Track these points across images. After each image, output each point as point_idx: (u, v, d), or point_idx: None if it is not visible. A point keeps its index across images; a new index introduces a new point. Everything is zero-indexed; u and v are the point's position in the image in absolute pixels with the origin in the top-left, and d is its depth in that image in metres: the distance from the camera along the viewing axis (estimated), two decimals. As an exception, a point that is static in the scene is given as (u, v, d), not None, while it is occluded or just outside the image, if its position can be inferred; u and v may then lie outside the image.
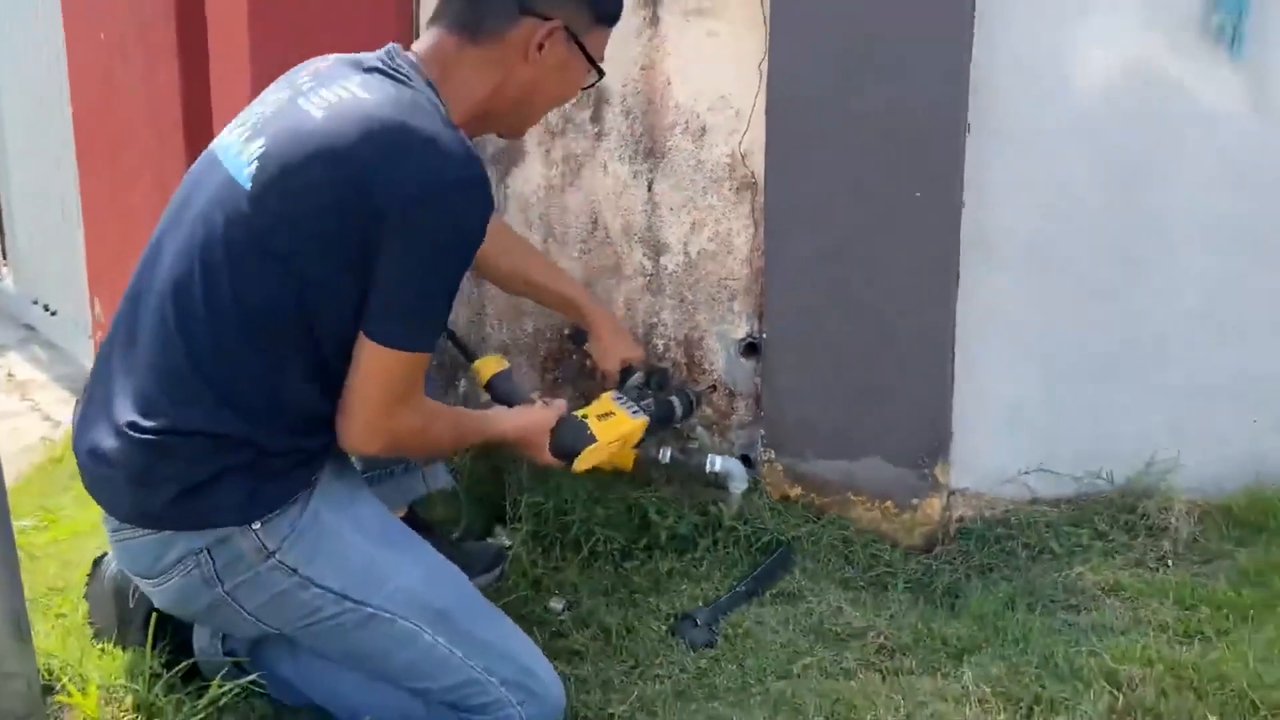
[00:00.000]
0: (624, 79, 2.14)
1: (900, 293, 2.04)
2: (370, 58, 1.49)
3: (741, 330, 2.17)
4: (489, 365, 1.87)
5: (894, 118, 1.98)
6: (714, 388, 2.20)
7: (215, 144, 1.52)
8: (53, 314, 3.53)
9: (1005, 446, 2.18)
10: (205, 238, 1.43)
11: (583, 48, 1.55)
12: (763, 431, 2.16)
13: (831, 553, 2.06)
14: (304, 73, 1.51)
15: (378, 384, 1.43)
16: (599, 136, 2.18)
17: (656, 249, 2.19)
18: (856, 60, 1.98)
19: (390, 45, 1.51)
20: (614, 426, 1.82)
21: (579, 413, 1.81)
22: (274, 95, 1.51)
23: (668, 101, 2.13)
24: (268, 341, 1.42)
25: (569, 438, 1.74)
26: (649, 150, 2.16)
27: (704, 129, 2.12)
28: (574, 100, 1.63)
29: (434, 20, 1.53)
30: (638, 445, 1.92)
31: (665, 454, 2.08)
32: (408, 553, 1.55)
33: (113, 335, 1.52)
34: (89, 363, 2.46)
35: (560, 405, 1.76)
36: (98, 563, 1.75)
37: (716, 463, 2.09)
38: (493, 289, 2.24)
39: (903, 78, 1.96)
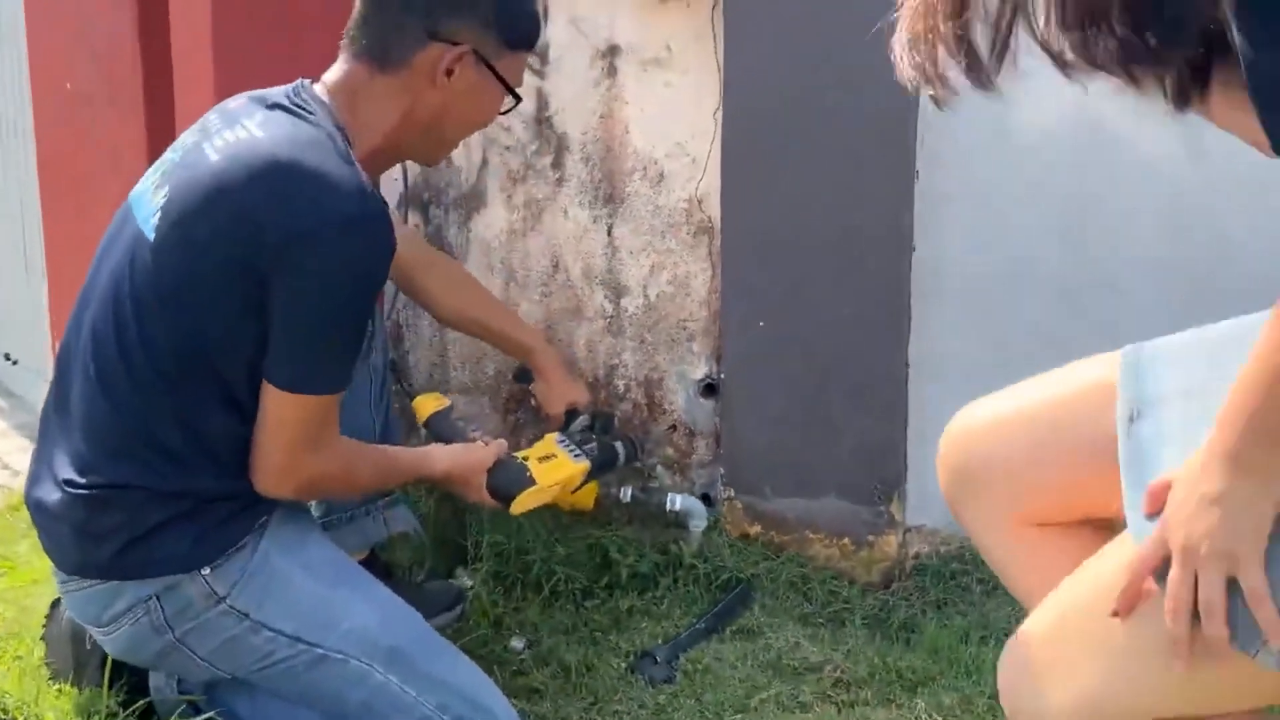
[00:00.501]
0: (583, 127, 2.19)
1: (854, 333, 2.09)
2: (276, 93, 1.49)
3: (700, 371, 2.21)
4: (427, 404, 1.87)
5: (845, 164, 2.04)
6: (674, 427, 2.23)
7: (133, 192, 1.52)
8: (13, 362, 3.51)
9: (960, 484, 2.22)
10: (116, 290, 1.44)
11: (496, 73, 1.53)
12: (722, 470, 2.19)
13: (790, 589, 2.08)
14: (215, 112, 1.51)
15: (285, 429, 1.42)
16: (560, 182, 2.22)
17: (617, 291, 2.23)
18: (807, 109, 2.04)
19: (299, 80, 1.50)
20: (554, 470, 1.80)
21: (519, 454, 1.80)
22: (185, 139, 1.50)
23: (626, 148, 2.18)
24: (180, 384, 1.42)
25: (506, 479, 1.72)
26: (608, 195, 2.20)
27: (662, 175, 2.17)
28: (491, 122, 1.61)
29: (344, 49, 1.52)
30: (583, 485, 1.91)
31: (626, 493, 2.10)
32: (360, 593, 1.55)
33: (51, 391, 1.53)
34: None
35: (500, 445, 1.74)
36: (56, 604, 1.74)
37: (677, 501, 2.12)
38: (455, 332, 2.27)
39: (852, 125, 2.02)
